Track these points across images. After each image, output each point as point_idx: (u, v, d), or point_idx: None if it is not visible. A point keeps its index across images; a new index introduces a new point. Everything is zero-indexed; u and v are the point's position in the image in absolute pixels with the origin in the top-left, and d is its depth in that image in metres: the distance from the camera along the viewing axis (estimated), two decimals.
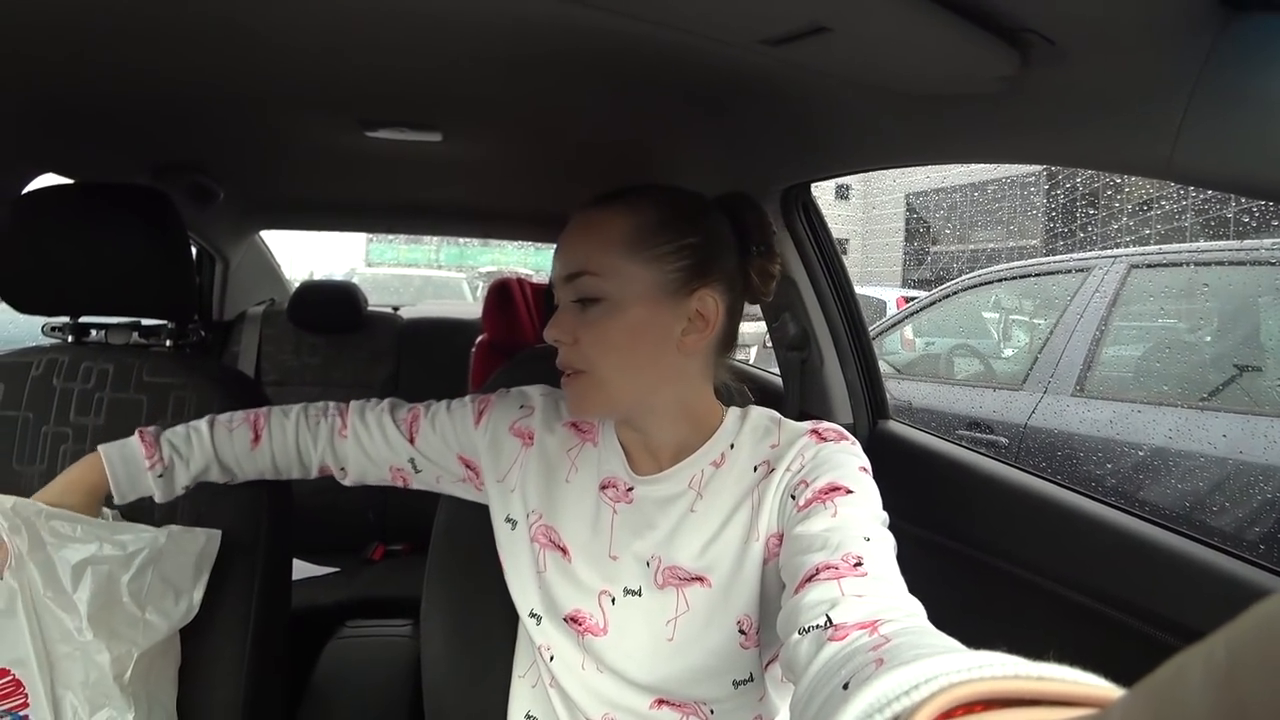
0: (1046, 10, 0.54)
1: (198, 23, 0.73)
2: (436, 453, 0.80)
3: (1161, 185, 5.01)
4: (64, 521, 0.72)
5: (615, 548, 0.69)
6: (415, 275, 8.44)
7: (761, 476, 0.65)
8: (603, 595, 0.68)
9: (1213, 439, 1.68)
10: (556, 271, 0.67)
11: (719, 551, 0.65)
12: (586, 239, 0.65)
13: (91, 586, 0.70)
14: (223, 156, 1.39)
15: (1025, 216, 8.87)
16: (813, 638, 0.45)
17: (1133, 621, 0.77)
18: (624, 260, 0.63)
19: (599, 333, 0.63)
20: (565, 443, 0.75)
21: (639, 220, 0.64)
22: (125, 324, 0.98)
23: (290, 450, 0.81)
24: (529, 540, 0.73)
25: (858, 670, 0.37)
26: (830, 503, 0.57)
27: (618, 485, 0.70)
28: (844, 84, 0.75)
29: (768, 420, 0.69)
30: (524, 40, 0.76)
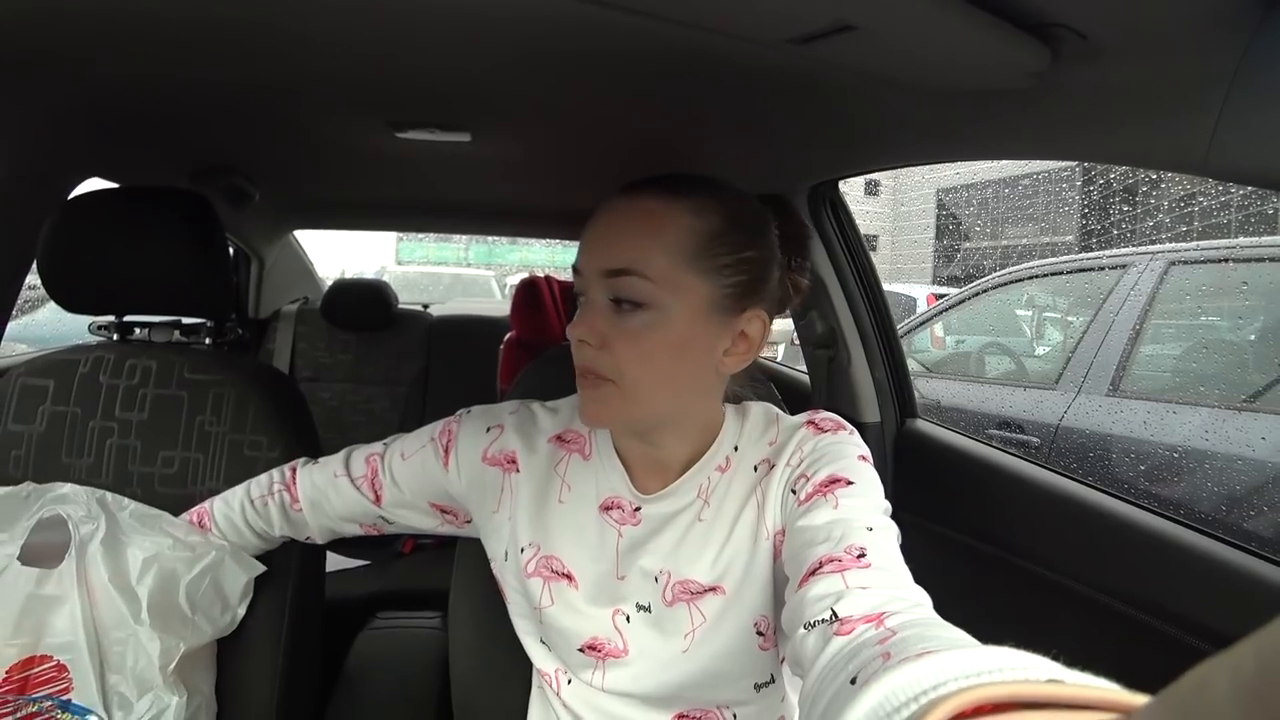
0: (1077, 6, 0.53)
1: (233, 28, 0.75)
2: (405, 509, 0.75)
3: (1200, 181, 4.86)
4: (144, 518, 0.76)
5: (622, 568, 0.65)
6: (445, 273, 8.54)
7: (763, 474, 0.63)
8: (616, 614, 0.65)
9: (1252, 441, 1.63)
10: (591, 262, 0.59)
11: (730, 558, 0.62)
12: (641, 235, 0.57)
13: (154, 580, 0.73)
14: (258, 159, 1.43)
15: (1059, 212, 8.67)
16: (819, 632, 0.44)
17: (1163, 625, 0.76)
18: (681, 268, 0.56)
19: (637, 342, 0.57)
20: (551, 458, 0.69)
21: (703, 224, 0.57)
22: (167, 322, 1.01)
23: (244, 536, 0.79)
24: (525, 577, 0.68)
25: (865, 665, 0.36)
26: (831, 495, 0.56)
27: (623, 507, 0.65)
28: (872, 81, 0.75)
29: (765, 416, 0.67)
30: (552, 41, 0.77)
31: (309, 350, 2.12)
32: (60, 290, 0.90)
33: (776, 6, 0.57)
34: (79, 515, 0.74)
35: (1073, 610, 0.87)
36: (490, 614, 0.87)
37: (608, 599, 0.65)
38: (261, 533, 0.80)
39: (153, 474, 0.87)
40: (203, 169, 1.39)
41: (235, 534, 0.80)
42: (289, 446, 0.90)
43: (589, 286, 0.59)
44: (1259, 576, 0.70)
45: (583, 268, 0.60)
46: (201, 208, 0.93)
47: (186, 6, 0.69)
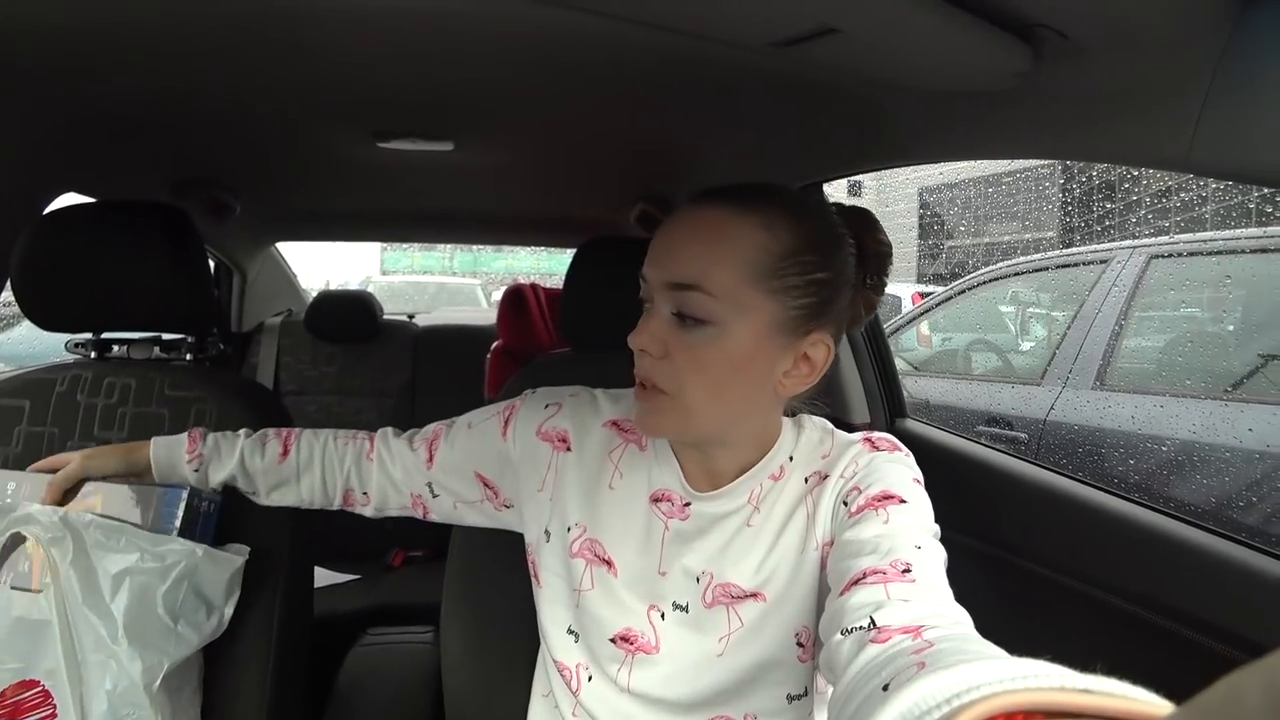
0: (1058, 6, 0.53)
1: (213, 40, 0.74)
2: (453, 474, 0.76)
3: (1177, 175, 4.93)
4: (109, 532, 0.74)
5: (665, 563, 0.65)
6: (430, 282, 8.50)
7: (815, 484, 0.63)
8: (652, 610, 0.65)
9: (1239, 432, 1.65)
10: (657, 273, 0.58)
11: (775, 565, 0.62)
12: (710, 250, 0.56)
13: (128, 596, 0.72)
14: (239, 171, 1.41)
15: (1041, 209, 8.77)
16: (855, 639, 0.44)
17: (1160, 620, 0.76)
18: (747, 287, 0.55)
19: (697, 357, 0.56)
20: (606, 444, 0.69)
21: (774, 243, 0.56)
22: (147, 339, 1.00)
23: (316, 468, 0.79)
24: (569, 556, 0.68)
25: (899, 673, 0.36)
26: (883, 510, 0.56)
27: (673, 499, 0.65)
28: (856, 83, 0.75)
29: (820, 430, 0.67)
30: (535, 49, 0.77)
31: (293, 363, 2.09)
32: (35, 308, 0.88)
33: (759, 11, 0.57)
34: (46, 537, 0.72)
35: (1068, 605, 0.88)
36: (483, 626, 0.86)
37: (646, 593, 0.65)
38: (329, 468, 0.79)
39: None
40: (183, 182, 1.37)
41: (308, 464, 0.79)
42: None
43: (653, 296, 0.59)
44: (1250, 567, 0.70)
45: (649, 277, 0.59)
46: (180, 221, 0.91)
47: (164, 18, 0.68)
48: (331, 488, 0.80)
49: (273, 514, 0.87)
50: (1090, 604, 0.84)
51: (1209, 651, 0.71)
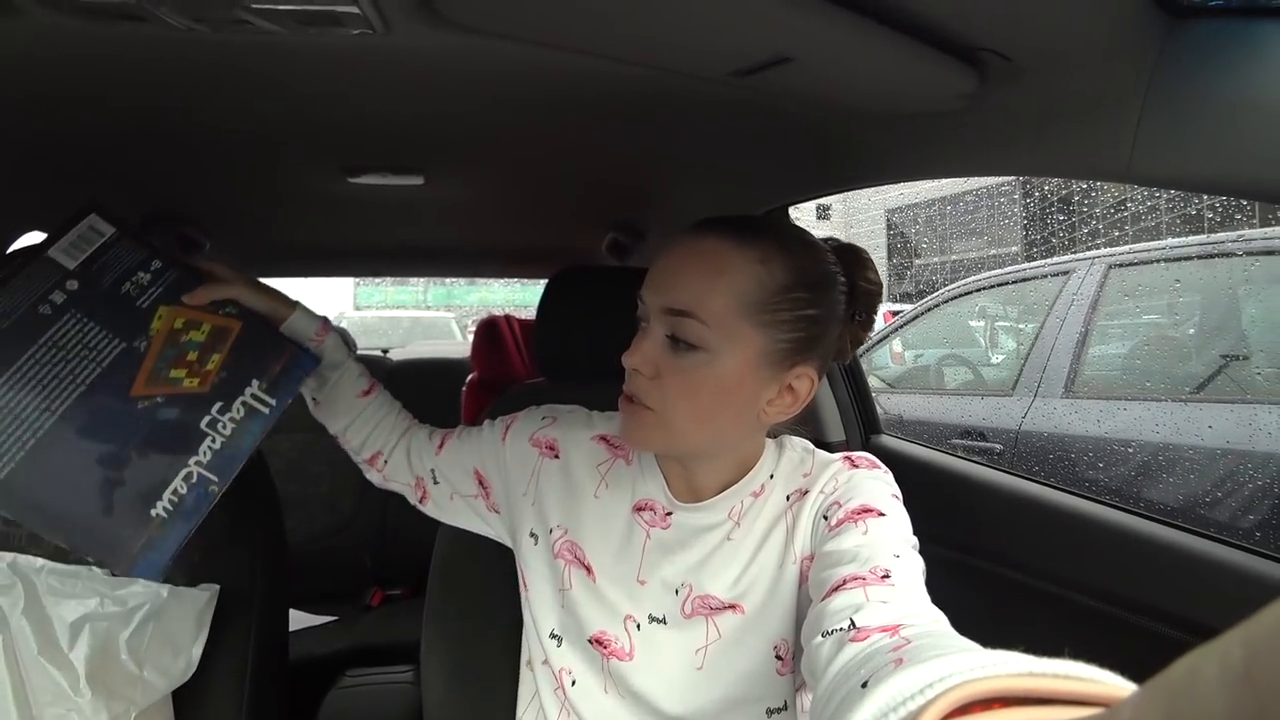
0: (998, 30, 0.56)
1: (177, 77, 0.74)
2: (455, 466, 0.79)
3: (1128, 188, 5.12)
4: (63, 577, 0.71)
5: (644, 572, 0.66)
6: (404, 317, 8.45)
7: (795, 501, 0.65)
8: (628, 620, 0.66)
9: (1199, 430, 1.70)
10: (654, 297, 0.60)
11: (753, 578, 0.63)
12: (706, 279, 0.58)
13: (89, 644, 0.69)
14: (207, 207, 1.40)
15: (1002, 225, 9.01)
16: (834, 639, 0.45)
17: (1138, 619, 0.77)
18: (739, 318, 0.57)
19: (685, 380, 0.59)
20: (594, 457, 0.72)
21: (768, 278, 0.58)
22: None
23: (372, 422, 0.82)
24: (552, 556, 0.70)
25: (877, 670, 0.37)
26: (862, 522, 0.57)
27: (655, 509, 0.67)
28: (813, 109, 0.78)
29: (802, 450, 0.69)
30: (502, 84, 0.78)
31: None
32: None
33: (717, 42, 0.59)
34: None
35: (1044, 608, 0.89)
36: (464, 662, 0.85)
37: (625, 600, 0.67)
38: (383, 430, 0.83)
39: None
40: (150, 219, 1.36)
41: (372, 415, 0.83)
42: (245, 501, 0.87)
43: (650, 318, 0.61)
44: (1221, 561, 0.72)
45: (647, 299, 0.62)
46: None
47: (126, 55, 0.68)
48: (371, 444, 0.83)
49: (241, 551, 0.86)
50: (1064, 605, 0.86)
51: (1174, 641, 0.72)
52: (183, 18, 0.53)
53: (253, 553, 0.87)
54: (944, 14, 0.54)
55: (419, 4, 0.54)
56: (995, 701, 0.26)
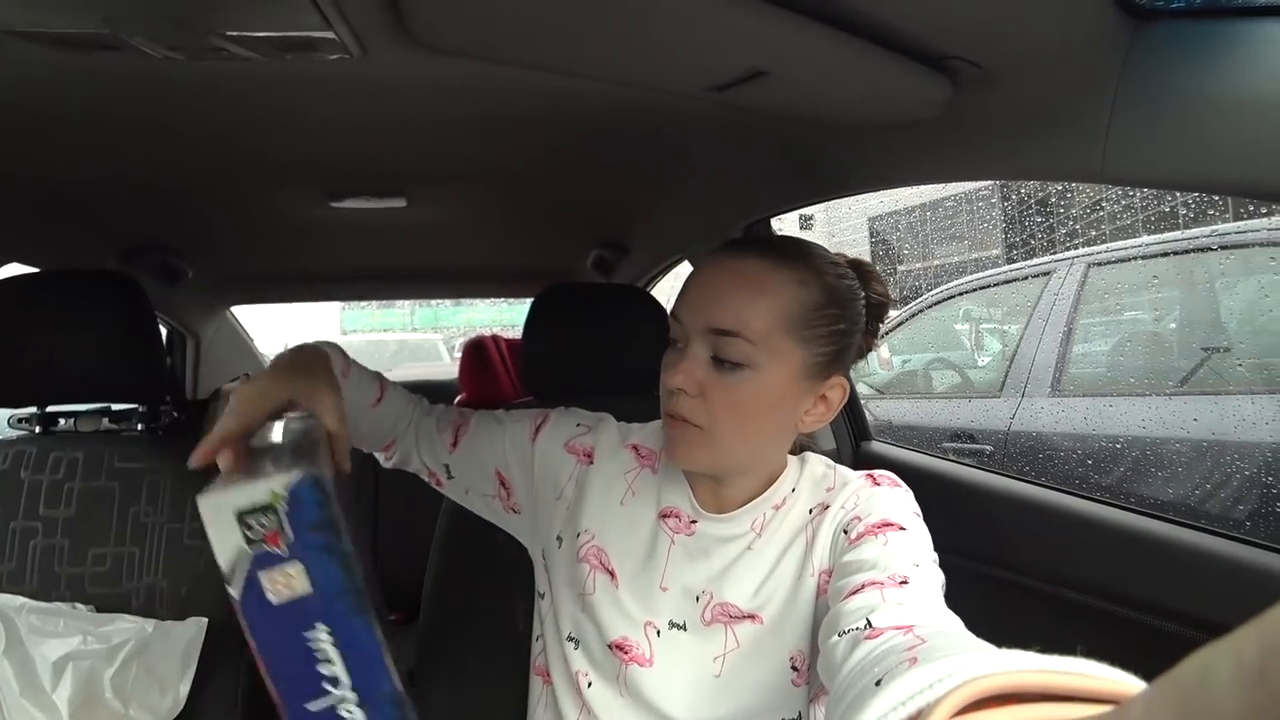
0: (966, 38, 0.57)
1: (159, 106, 0.74)
2: (473, 465, 0.77)
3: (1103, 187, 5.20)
4: (45, 615, 0.70)
5: (667, 579, 0.67)
6: (391, 340, 8.40)
7: (817, 515, 0.66)
8: (648, 626, 0.67)
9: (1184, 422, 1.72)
10: (696, 318, 0.61)
11: (773, 588, 0.65)
12: (750, 300, 0.59)
13: (73, 684, 0.68)
14: (189, 236, 1.40)
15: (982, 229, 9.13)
16: (849, 638, 0.45)
17: (1136, 615, 0.78)
18: (783, 335, 0.59)
19: (732, 398, 0.60)
20: (623, 465, 0.73)
21: (806, 296, 0.60)
22: (95, 410, 0.97)
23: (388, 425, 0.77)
24: (576, 560, 0.71)
25: (891, 668, 0.37)
26: (883, 534, 0.58)
27: (680, 516, 0.68)
28: (790, 121, 0.78)
29: (824, 466, 0.70)
30: (482, 105, 0.78)
31: None
32: None
33: (691, 59, 0.60)
34: None
35: (1043, 608, 0.89)
36: (463, 682, 0.84)
37: (644, 608, 0.67)
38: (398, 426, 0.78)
39: (82, 574, 0.82)
40: (132, 249, 1.35)
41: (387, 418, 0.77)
42: None
43: (690, 339, 0.62)
44: (1219, 555, 0.73)
45: (685, 320, 0.62)
46: (128, 289, 0.90)
47: (104, 86, 0.68)
48: (382, 439, 0.79)
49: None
50: (1063, 604, 0.86)
51: (1179, 637, 0.72)
52: (158, 46, 0.53)
53: None
54: (913, 24, 0.55)
55: (395, 28, 0.55)
56: (1009, 698, 0.26)
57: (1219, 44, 0.50)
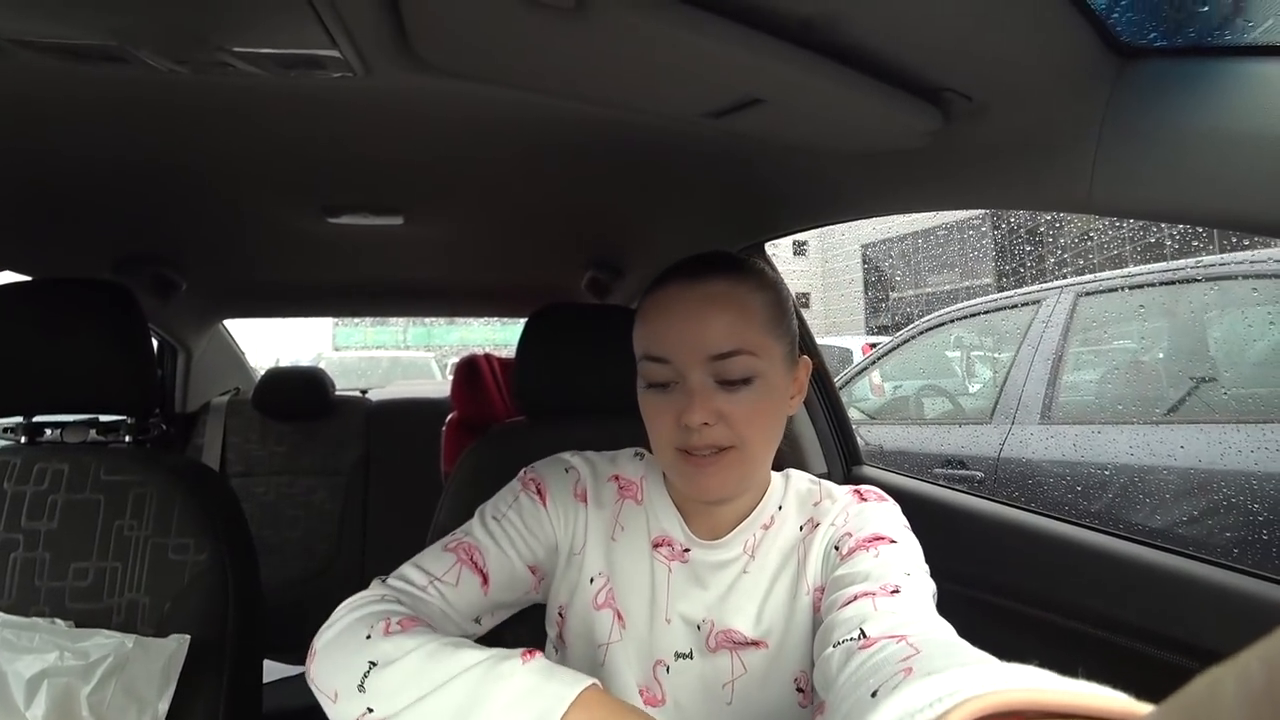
0: (959, 71, 0.59)
1: (159, 118, 0.75)
2: (507, 583, 0.67)
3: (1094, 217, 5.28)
4: (20, 630, 0.69)
5: (670, 609, 0.67)
6: (383, 357, 8.37)
7: (807, 533, 0.66)
8: (658, 665, 0.66)
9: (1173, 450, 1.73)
10: (691, 353, 0.61)
11: (772, 612, 0.65)
12: (739, 318, 0.61)
13: (48, 701, 0.66)
14: (184, 248, 1.40)
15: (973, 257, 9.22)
16: (844, 649, 0.45)
17: (1122, 640, 0.78)
18: (771, 337, 0.63)
19: (751, 410, 0.61)
20: (610, 498, 0.73)
21: (769, 297, 0.64)
22: (82, 421, 0.96)
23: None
24: (594, 609, 0.68)
25: (886, 680, 0.37)
26: (874, 548, 0.59)
27: (673, 544, 0.68)
28: (784, 148, 0.80)
29: (809, 483, 0.71)
30: (482, 126, 0.79)
31: (241, 444, 2.02)
32: None
33: (689, 86, 0.61)
34: None
35: (1032, 632, 0.89)
36: None
37: (651, 644, 0.66)
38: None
39: (63, 588, 0.81)
40: (126, 259, 1.35)
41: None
42: (219, 547, 0.85)
43: (686, 374, 0.61)
44: (1203, 580, 0.73)
45: (676, 358, 0.61)
46: (123, 300, 0.90)
47: (101, 94, 0.68)
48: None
49: (214, 599, 0.83)
50: (1054, 629, 0.85)
51: (1168, 664, 0.72)
52: (164, 60, 0.54)
53: (225, 601, 0.84)
54: (907, 56, 0.57)
55: (399, 49, 0.55)
56: (1011, 715, 0.26)
57: (1202, 82, 0.52)
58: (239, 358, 2.40)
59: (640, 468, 0.73)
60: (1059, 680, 0.28)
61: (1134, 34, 0.55)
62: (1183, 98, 0.53)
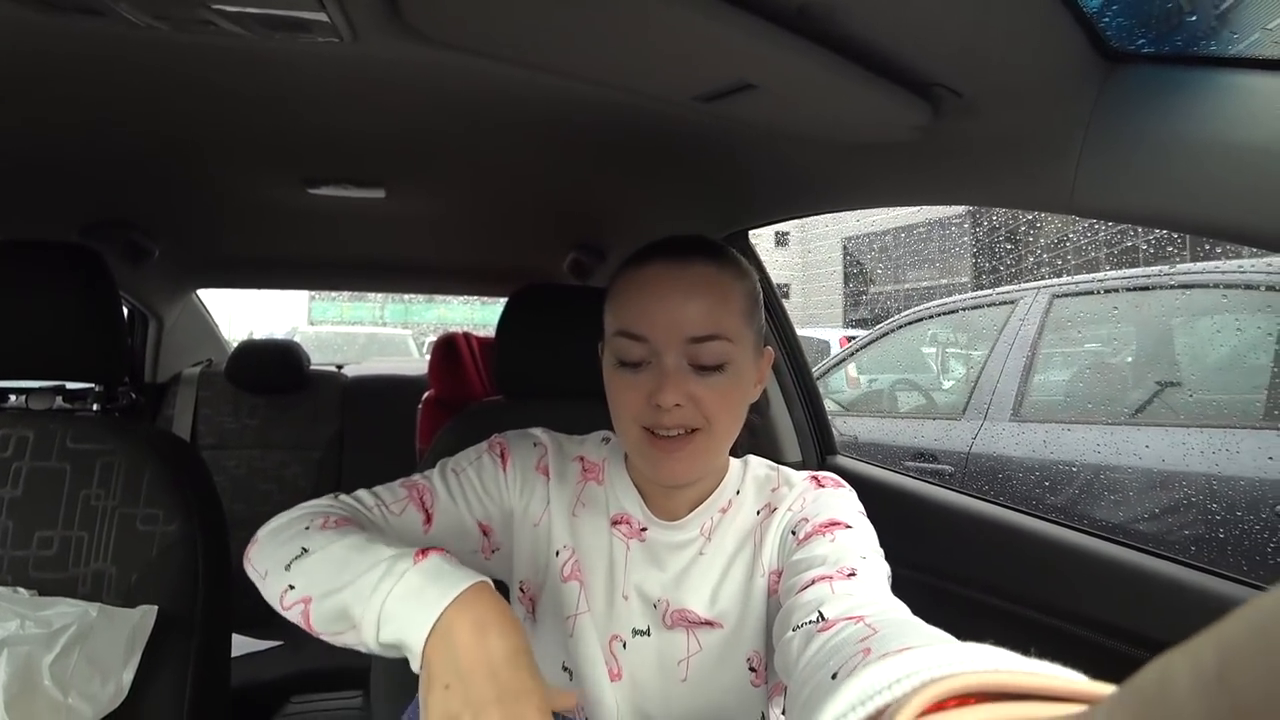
0: (951, 67, 0.59)
1: (133, 77, 0.73)
2: (452, 530, 0.69)
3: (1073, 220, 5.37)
4: None
5: (627, 586, 0.68)
6: (360, 333, 8.26)
7: (764, 518, 0.67)
8: (614, 640, 0.67)
9: (1138, 450, 1.78)
10: (669, 334, 0.61)
11: (728, 594, 0.66)
12: (719, 304, 0.62)
13: (8, 669, 0.65)
14: (158, 213, 1.36)
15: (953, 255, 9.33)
16: (803, 632, 0.46)
17: (1084, 631, 0.80)
18: (746, 327, 0.63)
19: (721, 394, 0.62)
20: (574, 477, 0.74)
21: (747, 285, 0.65)
22: (48, 388, 0.93)
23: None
24: (561, 582, 0.69)
25: (845, 661, 0.37)
26: (830, 533, 0.60)
27: (631, 522, 0.69)
28: (773, 136, 0.80)
29: (767, 469, 0.72)
30: (467, 100, 0.78)
31: (213, 416, 1.99)
32: None
33: (682, 68, 0.61)
34: None
35: (996, 624, 0.91)
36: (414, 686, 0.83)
37: (609, 620, 0.68)
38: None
39: (26, 558, 0.79)
40: (96, 223, 1.31)
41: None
42: (189, 519, 0.83)
43: (661, 354, 0.61)
44: (1160, 575, 0.75)
45: (654, 337, 0.61)
46: (91, 263, 0.87)
47: (82, 50, 0.66)
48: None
49: (182, 570, 0.82)
50: (1017, 620, 0.88)
51: (1123, 655, 0.75)
52: (144, 14, 0.52)
53: (195, 573, 0.83)
54: (901, 49, 0.57)
55: (389, 15, 0.54)
56: (970, 697, 0.26)
57: (1187, 90, 0.53)
58: (212, 328, 2.35)
59: (604, 451, 0.74)
60: (1018, 660, 0.29)
61: (1123, 39, 0.56)
62: (1167, 104, 0.53)
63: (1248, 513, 1.51)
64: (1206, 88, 0.52)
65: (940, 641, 0.38)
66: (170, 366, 2.08)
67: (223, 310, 2.48)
